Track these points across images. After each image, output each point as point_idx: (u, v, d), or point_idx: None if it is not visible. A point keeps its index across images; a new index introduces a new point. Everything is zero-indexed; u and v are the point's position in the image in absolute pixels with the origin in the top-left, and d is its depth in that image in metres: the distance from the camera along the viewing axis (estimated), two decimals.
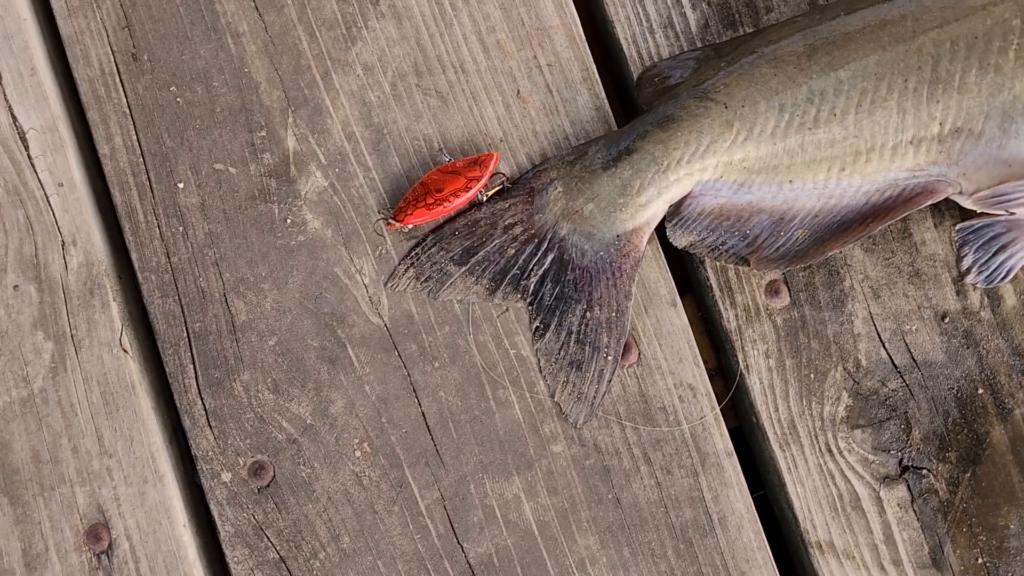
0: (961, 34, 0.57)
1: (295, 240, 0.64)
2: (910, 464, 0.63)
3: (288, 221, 0.64)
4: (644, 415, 0.63)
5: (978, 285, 0.63)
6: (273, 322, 0.64)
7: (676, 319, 0.64)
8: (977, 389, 0.64)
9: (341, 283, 0.64)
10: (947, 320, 0.64)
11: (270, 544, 0.62)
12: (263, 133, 0.65)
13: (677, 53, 0.64)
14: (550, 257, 0.62)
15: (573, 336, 0.62)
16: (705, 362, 0.65)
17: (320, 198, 0.65)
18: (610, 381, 0.62)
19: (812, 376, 0.63)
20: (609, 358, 0.62)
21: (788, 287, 0.64)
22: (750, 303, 0.64)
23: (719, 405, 0.63)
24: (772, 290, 0.64)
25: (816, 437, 0.63)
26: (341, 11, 0.66)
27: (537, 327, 0.63)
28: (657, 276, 0.64)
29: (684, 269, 0.67)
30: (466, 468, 0.63)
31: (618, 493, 0.63)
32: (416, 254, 0.63)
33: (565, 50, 0.66)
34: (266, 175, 0.65)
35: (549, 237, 0.62)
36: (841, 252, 0.64)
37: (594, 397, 0.62)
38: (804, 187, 0.60)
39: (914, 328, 0.64)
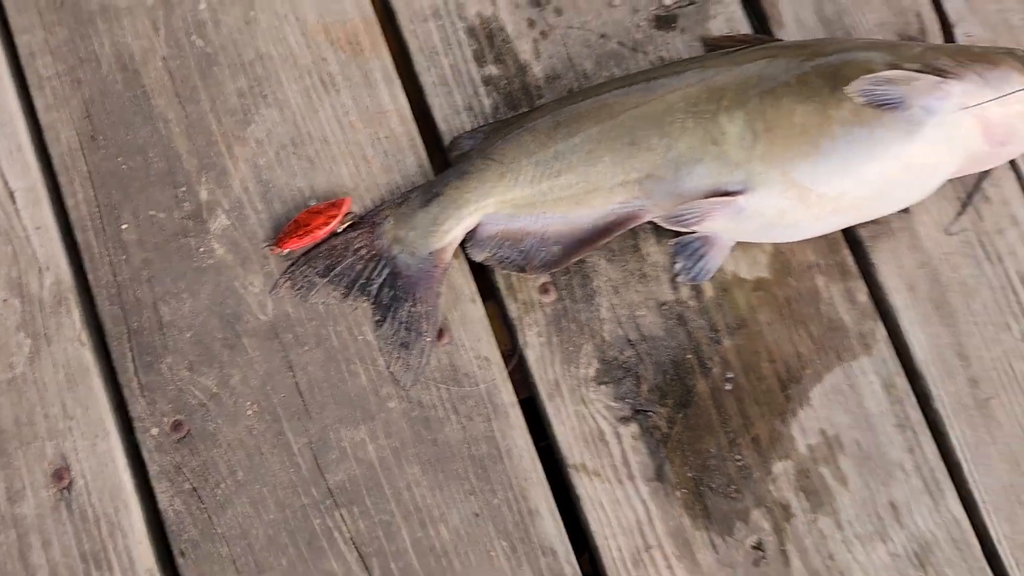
0: (648, 112, 0.85)
1: (206, 263, 0.89)
2: (640, 408, 0.88)
3: (201, 250, 0.90)
4: (453, 379, 0.88)
5: (686, 283, 0.89)
6: (190, 321, 0.88)
7: (475, 311, 0.89)
8: (687, 354, 0.89)
9: (238, 293, 0.89)
10: (665, 307, 0.90)
11: (186, 478, 0.86)
12: (184, 188, 0.91)
13: (474, 128, 0.91)
14: (387, 270, 0.88)
15: (403, 325, 0.87)
16: (501, 343, 0.91)
17: (224, 233, 0.90)
18: (429, 356, 0.87)
19: (571, 349, 0.89)
20: (428, 339, 0.87)
21: (555, 287, 0.90)
22: (527, 299, 0.90)
23: (507, 369, 0.88)
24: (543, 290, 0.90)
25: (574, 392, 0.88)
26: (240, 103, 0.92)
27: (378, 320, 0.88)
28: (462, 282, 0.90)
29: (487, 277, 0.92)
30: (327, 421, 0.87)
31: (435, 435, 0.87)
32: (292, 270, 0.89)
33: (398, 127, 0.93)
34: (185, 218, 0.90)
35: (385, 256, 0.88)
36: (590, 262, 0.90)
37: (418, 368, 0.87)
38: (554, 216, 0.87)
39: (643, 314, 0.90)
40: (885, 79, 0.81)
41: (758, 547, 0.87)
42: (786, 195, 0.83)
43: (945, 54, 0.84)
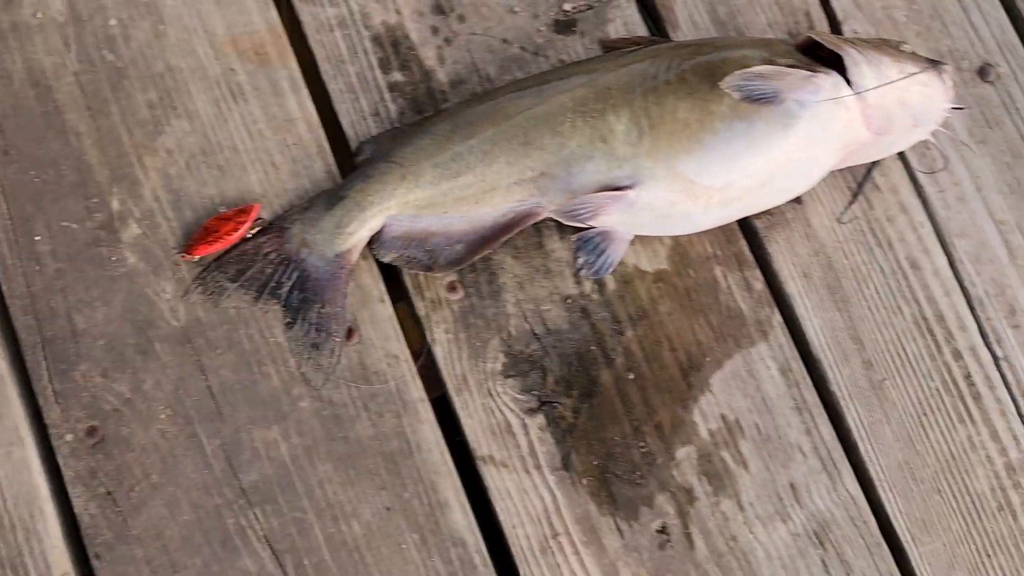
0: (540, 113, 0.88)
1: (118, 272, 0.91)
2: (546, 400, 0.91)
3: (113, 259, 0.91)
4: (363, 377, 0.90)
5: (588, 277, 0.92)
6: (103, 328, 0.90)
7: (384, 311, 0.91)
8: (591, 346, 0.92)
9: (151, 300, 0.91)
10: (569, 301, 0.93)
11: (101, 482, 0.87)
12: (96, 199, 0.92)
13: (378, 133, 0.94)
14: (295, 273, 0.90)
15: (313, 326, 0.89)
16: (414, 341, 0.93)
17: (136, 242, 0.92)
18: (339, 356, 0.89)
19: (478, 344, 0.91)
20: (337, 340, 0.89)
21: (462, 285, 0.92)
22: (435, 297, 0.92)
23: (415, 366, 0.90)
24: (451, 288, 0.92)
25: (481, 385, 0.90)
26: (151, 115, 0.94)
27: (288, 322, 0.90)
28: (371, 283, 0.92)
29: (398, 278, 0.95)
30: (240, 422, 0.89)
31: (346, 432, 0.89)
32: (203, 276, 0.90)
33: (306, 133, 0.95)
34: (98, 228, 0.92)
35: (293, 259, 0.90)
36: (496, 259, 0.92)
37: (329, 368, 0.89)
38: (455, 216, 0.89)
39: (548, 308, 0.92)
40: (757, 74, 0.84)
41: (663, 531, 0.89)
42: (672, 188, 0.86)
43: (829, 39, 0.88)
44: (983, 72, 1.01)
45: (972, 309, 0.95)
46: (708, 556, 0.89)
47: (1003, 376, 0.94)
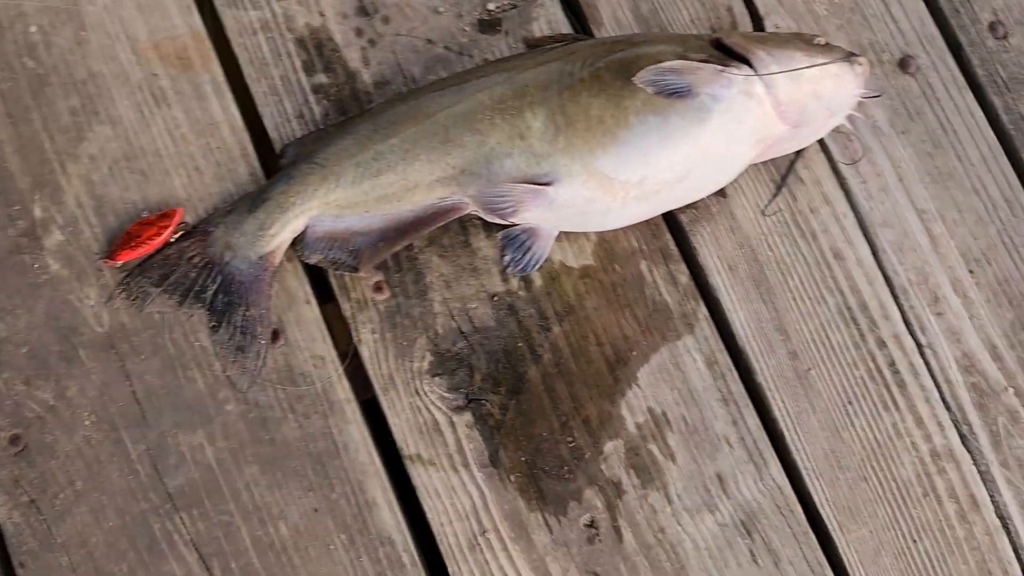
0: (460, 111, 0.88)
1: (41, 279, 0.90)
2: (474, 397, 0.91)
3: (36, 266, 0.91)
4: (290, 379, 0.90)
5: (515, 275, 0.93)
6: (25, 336, 0.89)
7: (310, 312, 0.91)
8: (518, 343, 0.92)
9: (74, 306, 0.90)
10: (496, 299, 0.93)
11: (24, 490, 0.86)
12: (18, 207, 0.92)
13: (302, 136, 0.94)
14: (219, 277, 0.90)
15: (238, 329, 0.89)
16: (343, 343, 0.93)
17: (59, 248, 0.91)
18: (265, 358, 0.89)
19: (405, 344, 0.91)
20: (262, 342, 0.89)
21: (388, 285, 0.93)
22: (361, 298, 0.92)
23: (341, 367, 0.90)
24: (377, 288, 0.92)
25: (408, 384, 0.91)
26: (73, 121, 0.94)
27: (213, 325, 0.90)
28: (296, 284, 0.92)
29: (325, 280, 0.95)
30: (165, 427, 0.88)
31: (273, 435, 0.89)
32: (127, 281, 0.90)
33: (229, 137, 0.95)
34: (20, 236, 0.91)
35: (217, 263, 0.90)
36: (422, 259, 0.92)
37: (255, 370, 0.89)
38: (377, 215, 0.89)
39: (475, 306, 0.93)
40: (670, 69, 0.85)
41: (592, 525, 0.89)
42: (589, 185, 0.87)
43: (737, 40, 0.89)
44: (904, 64, 1.02)
45: (895, 298, 0.96)
46: (637, 549, 0.89)
47: (927, 363, 0.95)
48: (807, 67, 0.86)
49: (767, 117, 0.88)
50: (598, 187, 0.87)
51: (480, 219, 0.92)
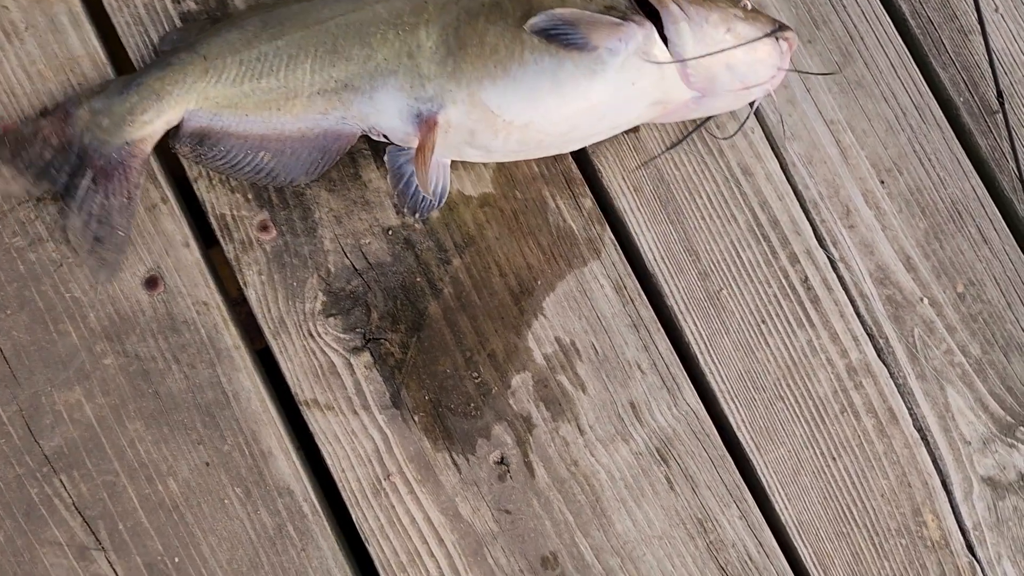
0: (354, 21, 0.82)
1: None
2: (372, 337, 0.86)
3: None
4: (172, 328, 0.84)
5: (417, 219, 0.87)
6: None
7: (189, 255, 0.85)
8: (416, 278, 0.88)
9: None
10: (391, 233, 0.88)
11: None
12: None
13: (188, 24, 0.87)
14: (78, 160, 0.82)
15: (94, 217, 0.82)
16: (233, 287, 0.87)
17: None
18: (123, 251, 0.83)
19: (295, 284, 0.86)
20: (122, 234, 0.83)
21: (274, 223, 0.87)
22: (245, 238, 0.86)
23: (225, 313, 0.85)
24: (262, 227, 0.87)
25: (300, 327, 0.86)
26: None
27: (64, 209, 0.82)
28: (174, 227, 0.86)
29: (205, 222, 0.89)
30: (38, 385, 0.82)
31: (156, 388, 0.83)
32: None
33: (91, 71, 0.87)
34: None
35: (76, 144, 0.83)
36: (309, 194, 0.87)
37: (114, 264, 0.83)
38: (256, 120, 0.84)
39: (368, 241, 0.88)
40: (564, 18, 0.79)
41: (502, 462, 0.86)
42: (472, 115, 0.81)
43: None
44: None
45: (806, 212, 0.93)
46: (550, 483, 0.86)
47: (840, 278, 0.93)
48: (721, 51, 0.80)
49: (668, 80, 0.82)
50: (480, 120, 0.81)
51: (370, 148, 0.87)
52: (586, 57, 0.80)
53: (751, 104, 0.87)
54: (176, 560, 0.81)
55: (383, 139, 0.84)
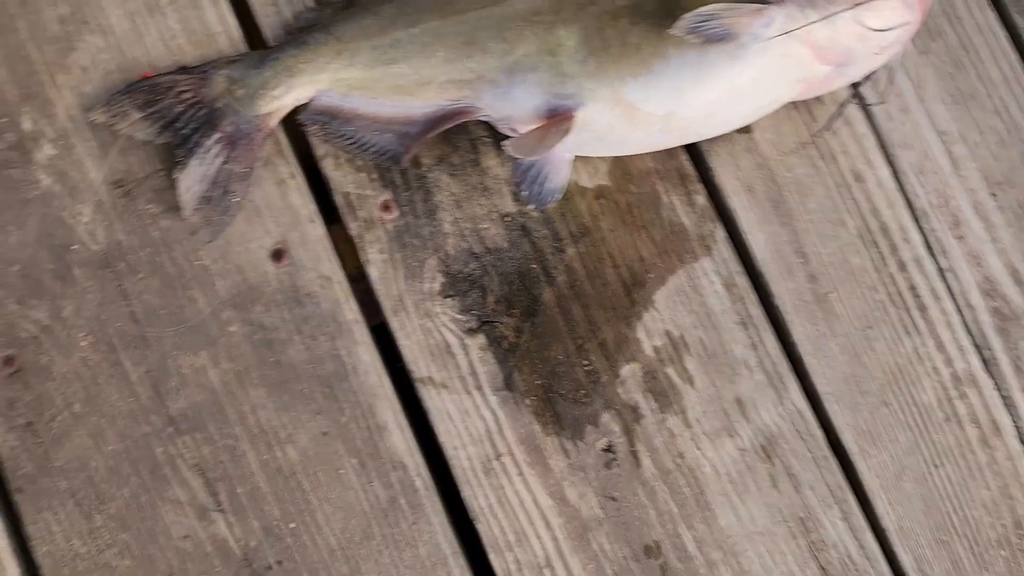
0: (491, 15, 0.84)
1: (32, 194, 0.86)
2: (486, 320, 0.88)
3: (26, 181, 0.86)
4: (296, 300, 0.87)
5: (536, 209, 0.89)
6: (17, 253, 0.85)
7: (315, 231, 0.88)
8: (531, 264, 0.89)
9: (67, 223, 0.86)
10: (508, 219, 0.90)
11: (20, 413, 0.83)
12: (5, 120, 0.87)
13: (324, 3, 0.89)
14: (205, 120, 0.85)
15: (209, 179, 0.85)
16: (354, 265, 0.89)
17: (50, 163, 0.87)
18: (232, 216, 0.85)
19: (415, 264, 0.88)
20: (234, 200, 0.85)
21: (397, 204, 0.89)
22: (368, 217, 0.89)
23: (347, 288, 0.87)
24: (385, 207, 0.89)
25: (419, 306, 0.88)
26: (62, 30, 0.89)
27: (178, 162, 0.85)
28: (300, 203, 0.88)
29: (329, 201, 0.91)
30: (166, 348, 0.85)
31: (279, 357, 0.86)
32: (113, 97, 0.85)
33: (227, 48, 0.89)
34: (8, 149, 0.87)
35: (208, 105, 0.85)
36: (431, 177, 0.89)
37: (219, 226, 0.85)
38: (385, 103, 0.86)
39: (486, 226, 0.89)
40: (708, 15, 0.80)
41: (609, 449, 0.87)
42: (613, 112, 0.83)
43: None
44: None
45: (916, 220, 0.94)
46: (655, 474, 0.87)
47: (948, 287, 0.93)
48: (844, 9, 0.82)
49: (808, 59, 0.83)
50: (622, 115, 0.83)
51: (490, 136, 0.89)
52: (728, 44, 0.82)
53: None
54: (292, 526, 0.83)
55: (511, 132, 0.86)
